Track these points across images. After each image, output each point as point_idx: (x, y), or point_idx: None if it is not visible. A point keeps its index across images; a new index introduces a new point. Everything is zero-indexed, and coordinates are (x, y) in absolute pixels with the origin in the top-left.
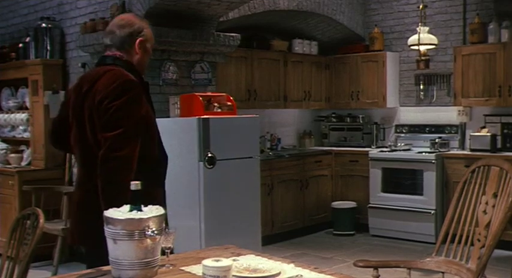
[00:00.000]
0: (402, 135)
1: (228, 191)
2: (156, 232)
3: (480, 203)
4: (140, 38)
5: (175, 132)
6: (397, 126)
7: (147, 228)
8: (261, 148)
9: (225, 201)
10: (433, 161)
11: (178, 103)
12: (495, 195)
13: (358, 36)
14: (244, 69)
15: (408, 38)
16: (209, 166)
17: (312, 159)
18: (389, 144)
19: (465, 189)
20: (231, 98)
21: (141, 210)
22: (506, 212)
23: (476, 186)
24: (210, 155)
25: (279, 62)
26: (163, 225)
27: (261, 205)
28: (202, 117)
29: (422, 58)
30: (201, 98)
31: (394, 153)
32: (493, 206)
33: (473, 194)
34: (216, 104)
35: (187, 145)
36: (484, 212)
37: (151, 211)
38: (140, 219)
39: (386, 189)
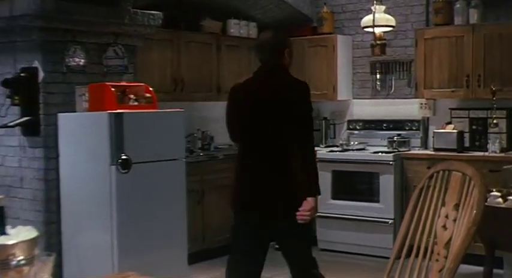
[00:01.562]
0: (356, 132)
1: (146, 200)
2: (23, 261)
3: (439, 216)
4: (287, 48)
5: (83, 130)
6: (349, 121)
7: (11, 257)
8: (190, 148)
9: (143, 212)
10: (391, 162)
11: (86, 94)
12: (457, 207)
13: (305, 16)
14: (169, 54)
15: (362, 18)
16: (123, 171)
17: None
18: (340, 142)
19: (421, 199)
20: (151, 89)
21: (5, 233)
22: (469, 228)
23: (435, 196)
24: (124, 157)
25: (211, 46)
26: (36, 251)
27: (189, 216)
28: (114, 111)
29: (378, 42)
30: (113, 89)
31: (346, 153)
32: (454, 220)
33: (431, 205)
34: (132, 96)
35: (97, 145)
36: (444, 227)
37: (18, 234)
38: (3, 246)
39: (337, 195)
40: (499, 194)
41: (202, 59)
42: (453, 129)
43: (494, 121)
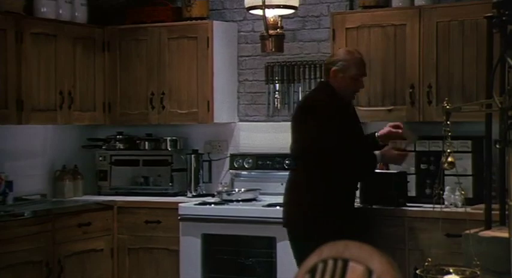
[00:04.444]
0: (243, 173)
1: None
2: None
3: None
4: (334, 68)
5: None
6: (233, 156)
7: None
8: None
9: None
10: None
11: None
12: None
13: None
14: None
15: None
16: None
17: (74, 219)
18: (218, 189)
19: None
20: None
21: None
22: None
23: None
24: None
25: (6, 34)
26: None
27: None
28: None
29: (271, 32)
30: None
31: (225, 206)
32: None
33: None
34: None
35: None
36: None
37: None
38: None
39: (210, 274)
40: None
41: None
42: (391, 168)
43: (449, 158)
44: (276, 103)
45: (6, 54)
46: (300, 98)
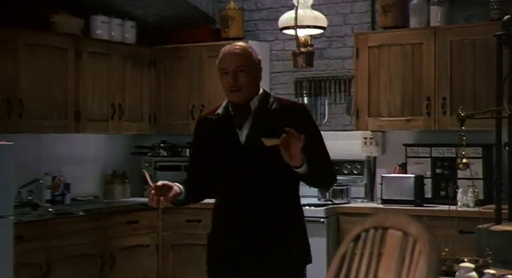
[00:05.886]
0: None
1: None
2: None
3: None
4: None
5: None
6: None
7: None
8: (34, 201)
9: None
10: (323, 220)
11: None
12: None
13: (202, 14)
14: (1, 62)
15: None
16: None
17: (123, 217)
18: None
19: (343, 272)
20: None
21: None
22: None
23: (363, 267)
24: None
25: (67, 53)
26: None
27: None
28: None
29: (302, 50)
30: None
31: None
32: None
33: None
34: None
35: None
36: None
37: None
38: None
39: None
40: (472, 266)
41: (52, 70)
42: (409, 173)
43: (464, 160)
44: None
45: (67, 70)
46: (326, 110)
